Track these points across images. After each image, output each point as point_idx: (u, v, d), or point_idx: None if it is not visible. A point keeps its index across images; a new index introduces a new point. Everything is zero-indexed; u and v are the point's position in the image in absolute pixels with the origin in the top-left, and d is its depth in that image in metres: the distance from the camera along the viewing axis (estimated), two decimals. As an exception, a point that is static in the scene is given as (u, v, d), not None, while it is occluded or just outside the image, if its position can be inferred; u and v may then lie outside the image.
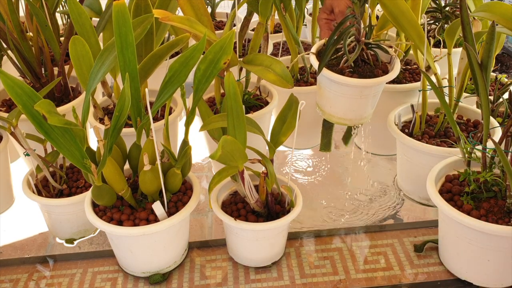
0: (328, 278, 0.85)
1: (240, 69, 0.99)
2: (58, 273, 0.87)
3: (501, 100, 0.98)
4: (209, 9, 1.70)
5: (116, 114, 0.69)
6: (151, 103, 0.72)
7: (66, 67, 1.11)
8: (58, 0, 1.05)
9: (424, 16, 0.93)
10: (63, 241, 0.95)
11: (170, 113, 1.06)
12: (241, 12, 1.09)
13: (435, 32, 1.27)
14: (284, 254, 0.90)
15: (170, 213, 0.80)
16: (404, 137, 0.96)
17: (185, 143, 0.79)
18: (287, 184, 0.85)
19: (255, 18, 1.00)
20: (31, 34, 1.05)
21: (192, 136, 0.82)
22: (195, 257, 0.90)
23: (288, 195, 0.83)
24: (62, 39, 1.09)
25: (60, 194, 0.91)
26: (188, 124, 0.79)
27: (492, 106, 0.99)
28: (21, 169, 1.13)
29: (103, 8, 0.99)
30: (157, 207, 0.78)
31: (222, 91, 1.01)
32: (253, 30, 1.05)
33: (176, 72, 0.73)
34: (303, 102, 0.76)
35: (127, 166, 0.85)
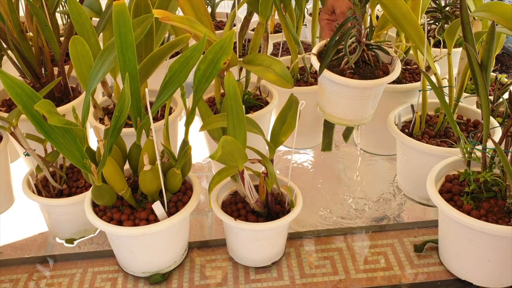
0: (328, 278, 0.85)
1: (240, 69, 0.99)
2: (58, 273, 0.87)
3: (501, 100, 0.98)
4: (209, 9, 1.70)
5: (116, 114, 0.69)
6: (151, 103, 0.72)
7: (66, 67, 1.11)
8: (58, 0, 1.05)
9: (424, 16, 0.93)
10: (63, 241, 0.95)
11: (170, 113, 1.06)
12: (241, 12, 1.08)
13: (435, 32, 1.27)
14: (284, 254, 0.90)
15: (170, 213, 0.80)
16: (404, 137, 0.96)
17: (185, 143, 0.79)
18: (287, 184, 0.85)
19: (255, 18, 1.00)
20: (31, 34, 1.05)
21: (192, 136, 0.82)
22: (195, 257, 0.90)
23: (288, 195, 0.83)
24: (62, 39, 1.09)
25: (60, 194, 0.91)
26: (188, 124, 0.79)
27: (492, 106, 0.99)
28: (21, 169, 1.13)
29: (103, 8, 0.99)
30: (157, 207, 0.78)
31: (222, 91, 1.01)
32: (253, 30, 1.05)
33: (176, 72, 0.73)
34: (303, 102, 0.76)
35: (127, 166, 0.85)
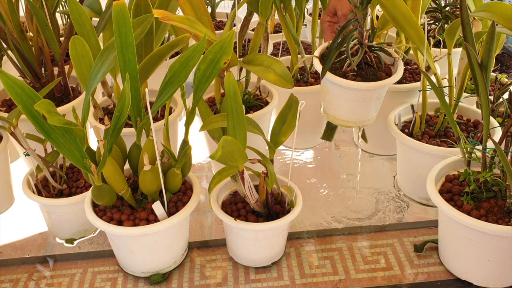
0: (328, 278, 0.85)
1: (240, 69, 0.99)
2: (58, 273, 0.87)
3: (501, 100, 0.98)
4: (209, 9, 1.70)
5: (116, 114, 0.69)
6: (151, 103, 0.72)
7: (66, 67, 1.11)
8: (58, 0, 1.05)
9: (424, 16, 0.93)
10: (63, 241, 0.95)
11: (170, 113, 1.06)
12: (241, 12, 1.08)
13: (435, 32, 1.27)
14: (284, 254, 0.90)
15: (170, 213, 0.80)
16: (404, 137, 0.96)
17: (185, 143, 0.79)
18: (287, 184, 0.85)
19: (255, 18, 1.00)
20: (31, 34, 1.05)
21: (192, 136, 0.82)
22: (195, 257, 0.90)
23: (288, 195, 0.83)
24: (62, 39, 1.09)
25: (60, 194, 0.91)
26: (188, 124, 0.79)
27: (492, 106, 0.99)
28: (21, 169, 1.13)
29: (103, 8, 0.99)
30: (157, 207, 0.78)
31: (222, 91, 1.01)
32: (253, 30, 1.05)
33: (176, 72, 0.73)
34: (303, 102, 0.76)
35: (127, 166, 0.85)
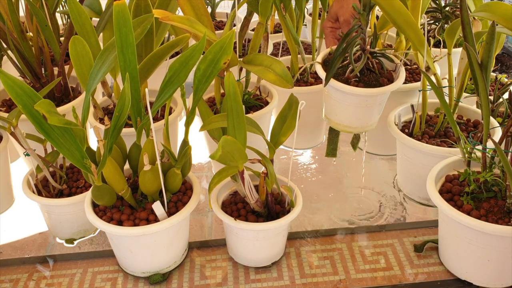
0: (328, 278, 0.85)
1: (240, 69, 0.99)
2: (58, 273, 0.87)
3: (501, 100, 0.98)
4: (209, 9, 1.70)
5: (116, 114, 0.69)
6: (151, 103, 0.72)
7: (66, 67, 1.11)
8: (58, 0, 1.05)
9: (424, 16, 0.93)
10: (63, 241, 0.95)
11: (170, 113, 1.06)
12: (241, 12, 1.09)
13: (435, 32, 1.27)
14: (284, 254, 0.90)
15: (170, 213, 0.80)
16: (404, 137, 0.96)
17: (185, 143, 0.79)
18: (287, 184, 0.85)
19: (255, 18, 1.00)
20: (31, 34, 1.05)
21: (192, 136, 0.82)
22: (195, 257, 0.90)
23: (288, 195, 0.83)
24: (62, 39, 1.09)
25: (60, 194, 0.91)
26: (188, 124, 0.79)
27: (492, 106, 0.99)
28: (21, 169, 1.12)
29: (103, 8, 0.99)
30: (157, 207, 0.78)
31: (222, 91, 1.01)
32: (253, 30, 1.05)
33: (176, 72, 0.73)
34: (303, 102, 0.76)
35: (127, 166, 0.85)
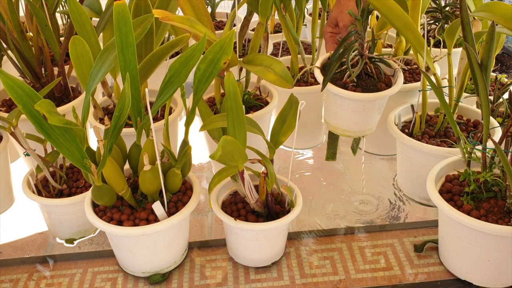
0: (328, 278, 0.85)
1: (240, 69, 0.99)
2: (58, 273, 0.87)
3: (501, 100, 0.98)
4: (209, 9, 1.70)
5: (116, 114, 0.69)
6: (151, 103, 0.72)
7: (66, 67, 1.11)
8: (58, 0, 1.05)
9: (424, 16, 0.93)
10: (63, 241, 0.95)
11: (170, 113, 1.06)
12: (241, 12, 1.09)
13: (435, 32, 1.27)
14: (284, 254, 0.90)
15: (170, 213, 0.80)
16: (404, 137, 0.96)
17: (185, 143, 0.79)
18: (287, 184, 0.85)
19: (255, 18, 1.00)
20: (31, 34, 1.05)
21: (192, 136, 0.82)
22: (195, 257, 0.90)
23: (288, 195, 0.83)
24: (62, 39, 1.09)
25: (60, 194, 0.91)
26: (188, 124, 0.79)
27: (492, 106, 0.99)
28: (21, 169, 1.12)
29: (103, 8, 0.99)
30: (157, 207, 0.78)
31: (222, 91, 1.01)
32: (253, 30, 1.05)
33: (176, 72, 0.73)
34: (303, 102, 0.76)
35: (127, 166, 0.85)
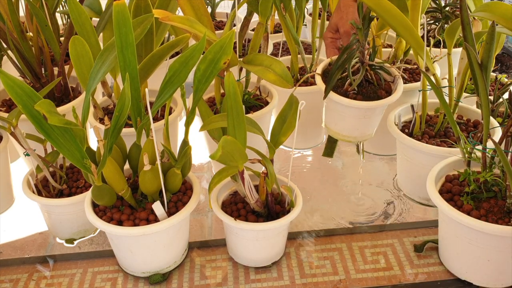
0: (328, 278, 0.85)
1: (240, 69, 0.99)
2: (58, 273, 0.87)
3: (501, 100, 0.98)
4: (209, 9, 1.70)
5: (116, 114, 0.69)
6: (151, 103, 0.72)
7: (66, 67, 1.11)
8: (58, 0, 1.05)
9: (424, 16, 0.93)
10: (63, 241, 0.95)
11: (170, 113, 1.06)
12: (241, 12, 1.08)
13: (435, 32, 1.27)
14: (284, 254, 0.90)
15: (170, 213, 0.80)
16: (404, 137, 0.96)
17: (185, 143, 0.79)
18: (287, 184, 0.85)
19: (255, 18, 1.00)
20: (31, 34, 1.05)
21: (192, 136, 0.82)
22: (195, 257, 0.90)
23: (288, 195, 0.83)
24: (62, 39, 1.09)
25: (60, 194, 0.91)
26: (188, 124, 0.79)
27: (492, 106, 0.99)
28: (21, 169, 1.12)
29: (103, 8, 1.00)
30: (157, 207, 0.78)
31: (222, 91, 1.01)
32: (253, 30, 1.05)
33: (176, 72, 0.73)
34: (303, 102, 0.76)
35: (127, 166, 0.85)
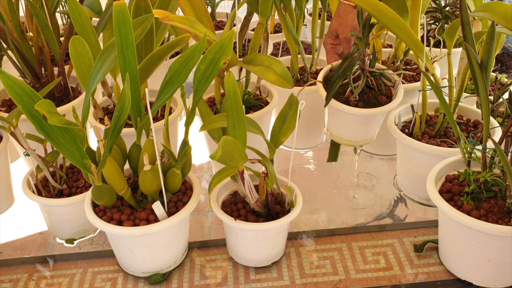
0: (328, 278, 0.85)
1: (240, 69, 0.99)
2: (58, 273, 0.87)
3: (501, 100, 0.98)
4: (209, 9, 1.70)
5: (116, 114, 0.69)
6: (151, 103, 0.72)
7: (66, 67, 1.11)
8: (58, 0, 1.05)
9: (424, 16, 0.93)
10: (63, 241, 0.95)
11: (170, 113, 1.06)
12: (241, 12, 1.08)
13: (435, 32, 1.27)
14: (284, 254, 0.90)
15: (170, 213, 0.80)
16: (404, 137, 0.96)
17: (185, 143, 0.79)
18: (287, 184, 0.85)
19: (255, 18, 1.00)
20: (31, 34, 1.05)
21: (192, 136, 0.82)
22: (195, 257, 0.90)
23: (288, 195, 0.83)
24: (62, 39, 1.09)
25: (60, 194, 0.91)
26: (188, 124, 0.79)
27: (492, 106, 0.99)
28: (21, 169, 1.12)
29: (103, 8, 0.99)
30: (157, 207, 0.78)
31: (222, 91, 1.01)
32: (253, 30, 1.05)
33: (176, 72, 0.73)
34: (303, 102, 0.76)
35: (127, 166, 0.85)
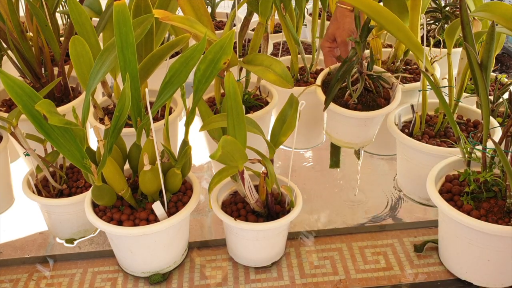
0: (328, 278, 0.85)
1: (240, 69, 0.99)
2: (58, 273, 0.87)
3: (501, 100, 0.98)
4: (209, 9, 1.70)
5: (116, 114, 0.69)
6: (151, 103, 0.72)
7: (66, 67, 1.11)
8: (58, 0, 1.05)
9: (424, 16, 0.94)
10: (63, 241, 0.95)
11: (170, 113, 1.06)
12: (241, 12, 1.08)
13: (435, 32, 1.27)
14: (284, 254, 0.90)
15: (170, 213, 0.80)
16: (404, 137, 0.96)
17: (185, 143, 0.79)
18: (287, 184, 0.85)
19: (255, 18, 1.00)
20: (31, 34, 1.05)
21: (192, 136, 0.82)
22: (195, 257, 0.90)
23: (288, 195, 0.83)
24: (62, 39, 1.09)
25: (60, 194, 0.91)
26: (188, 124, 0.79)
27: (492, 106, 0.99)
28: (21, 169, 1.12)
29: (103, 8, 0.99)
30: (157, 207, 0.78)
31: (222, 91, 1.01)
32: (253, 30, 1.05)
33: (176, 72, 0.73)
34: (303, 102, 0.76)
35: (127, 166, 0.85)
